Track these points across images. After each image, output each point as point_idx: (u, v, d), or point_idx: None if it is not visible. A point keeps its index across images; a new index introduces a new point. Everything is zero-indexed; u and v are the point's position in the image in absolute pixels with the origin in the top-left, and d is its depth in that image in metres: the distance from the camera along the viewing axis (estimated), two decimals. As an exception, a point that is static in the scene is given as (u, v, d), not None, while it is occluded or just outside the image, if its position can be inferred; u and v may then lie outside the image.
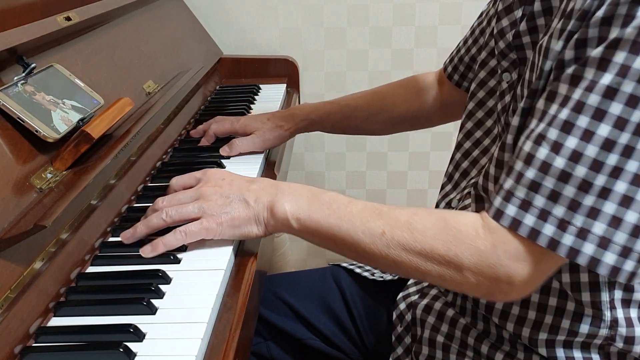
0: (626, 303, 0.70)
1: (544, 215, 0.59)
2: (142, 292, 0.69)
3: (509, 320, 0.74)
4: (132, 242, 0.76)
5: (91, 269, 0.76)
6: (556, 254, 0.60)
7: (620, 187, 0.57)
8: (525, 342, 0.74)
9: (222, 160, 1.05)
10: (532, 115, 0.63)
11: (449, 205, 0.88)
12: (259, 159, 1.07)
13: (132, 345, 0.60)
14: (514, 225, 0.61)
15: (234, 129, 1.11)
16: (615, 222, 0.57)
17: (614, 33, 0.56)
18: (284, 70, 1.60)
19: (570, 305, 0.71)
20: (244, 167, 1.05)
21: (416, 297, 0.89)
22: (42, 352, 0.61)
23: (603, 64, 0.56)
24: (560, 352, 0.72)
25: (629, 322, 0.70)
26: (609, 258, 0.58)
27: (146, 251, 0.74)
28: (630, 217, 0.57)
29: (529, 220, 0.60)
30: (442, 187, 0.92)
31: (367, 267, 1.04)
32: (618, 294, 0.69)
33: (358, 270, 1.01)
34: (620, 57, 0.55)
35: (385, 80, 1.72)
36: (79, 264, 0.75)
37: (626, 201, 0.57)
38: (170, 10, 1.45)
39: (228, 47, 1.66)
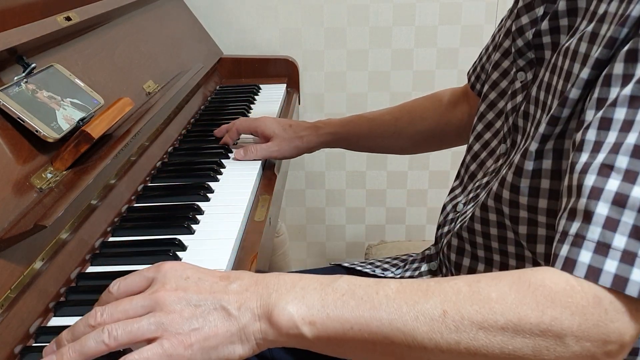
0: None
1: (629, 258, 0.50)
2: (142, 292, 0.69)
3: None
4: None
5: (91, 269, 0.76)
6: None
7: None
8: None
9: (222, 161, 1.05)
10: (581, 149, 0.55)
11: (455, 208, 0.87)
12: (257, 162, 1.07)
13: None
14: (591, 274, 0.50)
15: (254, 126, 1.08)
16: None
17: None
18: (284, 70, 1.60)
19: None
20: (243, 166, 1.05)
21: None
22: (42, 352, 0.61)
23: None
24: None
25: None
26: None
27: None
28: None
29: (611, 266, 0.50)
30: (452, 190, 0.90)
31: (369, 262, 1.04)
32: None
33: (359, 268, 1.01)
34: None
35: (385, 80, 1.74)
36: (79, 264, 0.75)
37: None
38: (170, 10, 1.45)
39: (228, 47, 1.66)
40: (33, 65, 0.83)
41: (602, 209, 0.51)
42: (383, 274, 1.00)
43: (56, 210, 0.67)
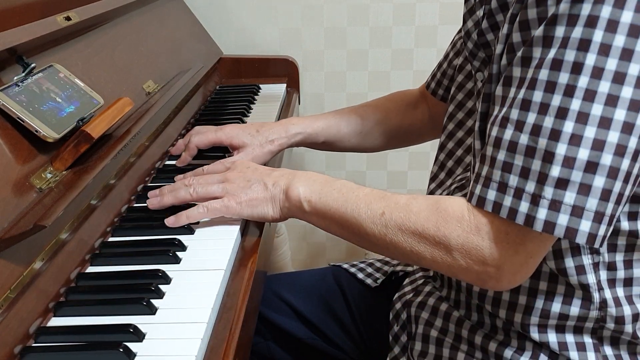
0: (612, 283, 0.71)
1: (518, 193, 0.61)
2: (142, 292, 0.69)
3: (501, 307, 0.75)
4: (157, 208, 0.84)
5: (91, 269, 0.76)
6: (534, 230, 0.61)
7: (583, 154, 0.58)
8: (518, 328, 0.74)
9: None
10: (494, 103, 0.66)
11: None
12: (259, 159, 1.07)
13: (132, 346, 0.60)
14: (496, 209, 0.62)
15: (218, 139, 1.01)
16: (584, 189, 0.59)
17: (551, 10, 0.60)
18: (284, 70, 1.60)
19: (560, 289, 0.71)
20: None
21: (411, 295, 0.89)
22: (41, 352, 0.61)
23: (547, 41, 0.60)
24: (552, 337, 0.73)
25: (617, 302, 0.71)
26: (584, 226, 0.59)
27: (170, 221, 0.81)
28: (598, 182, 0.58)
29: (507, 201, 0.62)
30: (428, 187, 0.94)
31: (369, 262, 1.04)
32: (603, 275, 0.70)
33: (360, 276, 1.01)
34: (560, 31, 0.59)
35: (385, 80, 1.74)
36: (79, 264, 0.75)
37: (591, 167, 0.58)
38: (170, 10, 1.45)
39: (228, 47, 1.66)
40: (33, 65, 0.83)
41: (501, 155, 0.62)
42: (383, 277, 1.00)
43: (56, 210, 0.67)
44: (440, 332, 0.82)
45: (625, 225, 0.68)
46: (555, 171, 0.59)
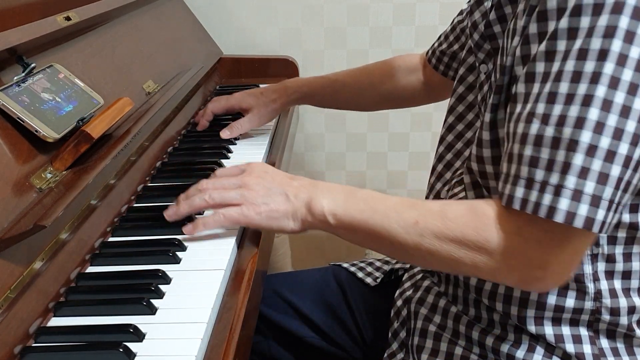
0: (610, 275, 0.71)
1: (543, 186, 0.60)
2: (142, 292, 0.69)
3: (497, 300, 0.75)
4: (174, 219, 0.81)
5: (91, 269, 0.76)
6: (575, 226, 0.59)
7: (604, 142, 0.58)
8: (515, 321, 0.74)
9: (222, 161, 1.05)
10: (515, 101, 0.65)
11: (437, 197, 0.89)
12: (259, 159, 1.08)
13: (132, 345, 0.60)
14: (523, 205, 0.61)
15: (229, 104, 1.19)
16: (603, 178, 0.59)
17: (572, 1, 0.59)
18: (284, 70, 1.60)
19: None
20: (244, 167, 1.05)
21: (410, 291, 0.89)
22: (41, 352, 0.61)
23: (572, 32, 0.59)
24: (549, 330, 0.73)
25: (613, 294, 0.71)
26: (600, 215, 0.59)
27: (187, 230, 0.79)
28: (615, 171, 0.59)
29: (533, 196, 0.61)
30: (429, 182, 0.94)
31: (368, 262, 1.04)
32: (601, 266, 0.71)
33: (360, 275, 1.01)
34: (585, 21, 0.58)
35: (385, 80, 1.73)
36: (79, 264, 0.75)
37: (610, 156, 0.58)
38: (170, 10, 1.45)
39: (228, 47, 1.66)
40: (33, 65, 0.83)
41: (528, 151, 0.61)
42: (382, 275, 1.00)
43: (56, 210, 0.67)
44: (439, 327, 0.82)
45: (626, 217, 0.68)
46: (579, 160, 0.58)
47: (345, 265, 1.05)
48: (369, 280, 1.00)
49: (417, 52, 1.56)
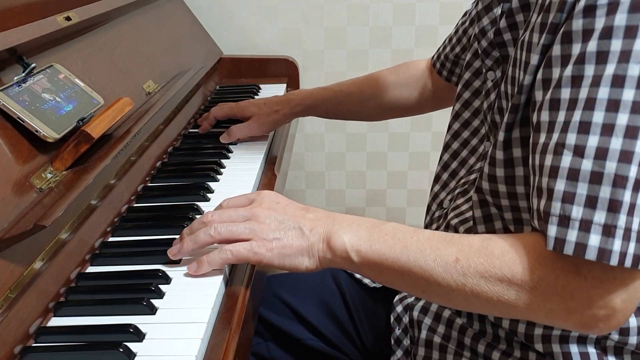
0: None
1: (586, 225, 0.55)
2: (142, 292, 0.69)
3: (504, 318, 0.74)
4: (178, 258, 0.74)
5: (91, 269, 0.76)
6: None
7: None
8: (522, 338, 0.73)
9: (222, 161, 1.05)
10: (539, 130, 0.60)
11: (440, 206, 0.88)
12: (259, 159, 1.08)
13: (132, 345, 0.60)
14: (559, 246, 0.56)
15: (232, 111, 1.18)
16: None
17: (600, 22, 0.55)
18: (284, 70, 1.60)
19: None
20: (243, 166, 1.05)
21: (412, 298, 0.89)
22: (42, 352, 0.61)
23: (602, 57, 0.55)
24: (556, 348, 0.71)
25: None
26: None
27: (192, 270, 0.72)
28: None
29: (572, 235, 0.55)
30: (432, 189, 0.93)
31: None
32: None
33: (358, 276, 1.01)
34: (617, 45, 0.54)
35: (385, 80, 1.73)
36: (79, 264, 0.75)
37: None
38: (170, 10, 1.45)
39: (228, 47, 1.66)
40: (33, 65, 0.83)
41: (560, 185, 0.56)
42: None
43: (56, 210, 0.67)
44: (443, 338, 0.82)
45: None
46: (628, 196, 0.54)
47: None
48: (366, 280, 1.00)
49: (417, 52, 1.55)
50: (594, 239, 0.55)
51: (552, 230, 0.56)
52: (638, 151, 0.54)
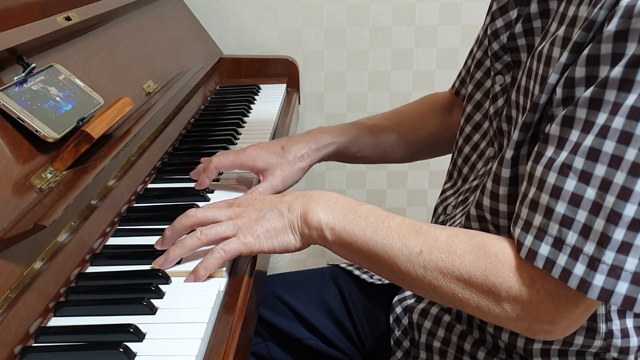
0: (622, 314, 0.68)
1: (575, 253, 0.55)
2: (142, 292, 0.69)
3: (503, 331, 0.74)
4: (165, 268, 0.73)
5: (91, 269, 0.76)
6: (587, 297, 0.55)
7: None
8: (521, 352, 0.73)
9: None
10: (547, 142, 0.59)
11: (445, 210, 0.88)
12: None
13: (132, 345, 0.60)
14: (548, 266, 0.57)
15: (240, 160, 0.92)
16: None
17: (631, 49, 0.53)
18: (284, 70, 1.60)
19: None
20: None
21: (412, 300, 0.88)
22: (42, 352, 0.61)
23: (625, 85, 0.53)
24: None
25: (625, 333, 0.69)
26: None
27: (190, 279, 0.71)
28: None
29: (562, 260, 0.56)
30: (443, 191, 0.91)
31: (366, 269, 1.04)
32: (614, 306, 0.68)
33: (357, 272, 1.01)
34: None
35: (385, 80, 1.74)
36: (79, 264, 0.75)
37: None
38: (170, 10, 1.45)
39: (228, 47, 1.66)
40: (33, 65, 0.83)
41: (561, 208, 0.56)
42: (380, 281, 1.00)
43: (56, 210, 0.67)
44: (443, 343, 0.82)
45: None
46: (619, 234, 0.53)
47: (342, 264, 1.05)
48: (365, 276, 1.00)
49: (417, 52, 1.55)
50: (579, 268, 0.55)
51: (545, 249, 0.57)
52: (638, 190, 0.53)
